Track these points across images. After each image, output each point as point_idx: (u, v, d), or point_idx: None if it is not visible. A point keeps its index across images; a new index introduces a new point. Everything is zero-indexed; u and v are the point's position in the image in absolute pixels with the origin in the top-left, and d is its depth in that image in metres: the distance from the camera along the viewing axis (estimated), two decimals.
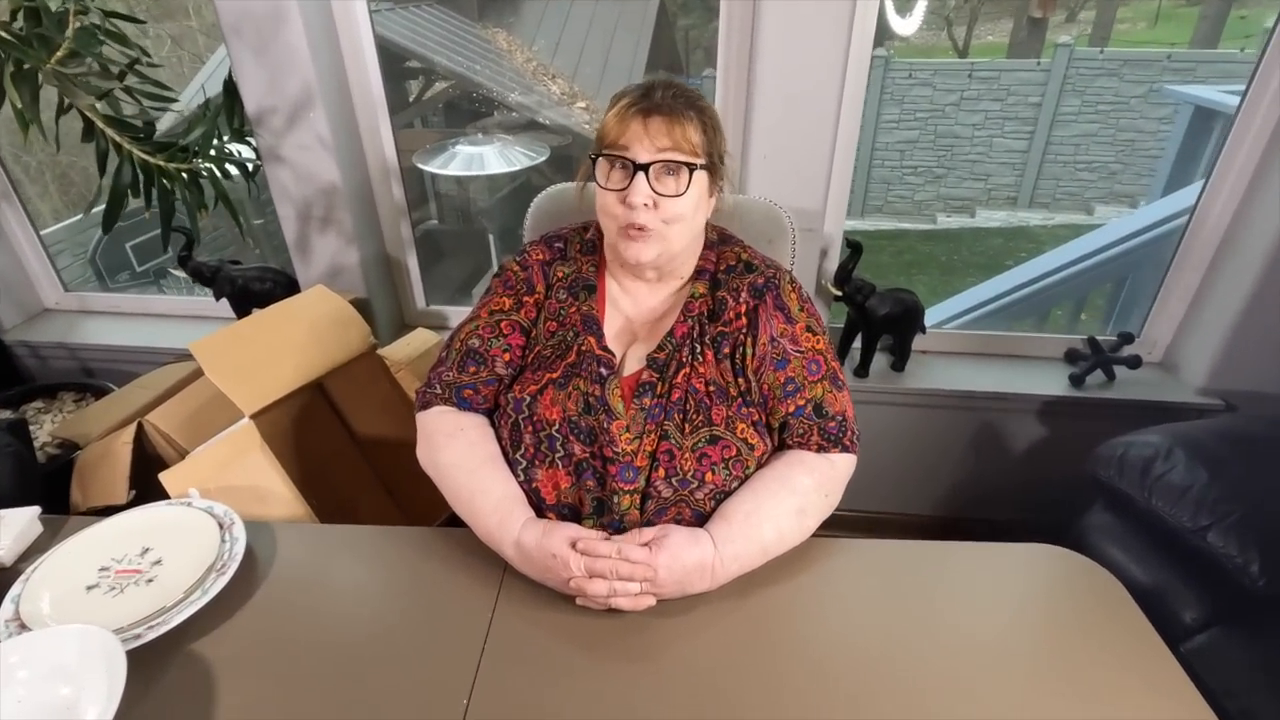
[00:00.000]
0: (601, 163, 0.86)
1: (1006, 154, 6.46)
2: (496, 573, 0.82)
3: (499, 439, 0.89)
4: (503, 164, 2.42)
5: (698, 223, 0.90)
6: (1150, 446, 1.14)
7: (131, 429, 1.17)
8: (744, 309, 0.89)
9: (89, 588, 0.79)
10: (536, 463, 0.85)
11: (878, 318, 1.52)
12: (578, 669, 0.72)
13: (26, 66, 0.87)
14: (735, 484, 0.85)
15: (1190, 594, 1.04)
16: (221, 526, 0.86)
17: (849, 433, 0.89)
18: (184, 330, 1.87)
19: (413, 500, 1.34)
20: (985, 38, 8.62)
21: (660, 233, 0.85)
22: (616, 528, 0.82)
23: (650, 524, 0.81)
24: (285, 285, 1.68)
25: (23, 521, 0.86)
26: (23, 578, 0.79)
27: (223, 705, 0.69)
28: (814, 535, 0.86)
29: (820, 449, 0.88)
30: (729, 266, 0.93)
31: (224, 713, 0.68)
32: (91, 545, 0.84)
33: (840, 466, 0.88)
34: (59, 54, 0.89)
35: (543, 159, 2.48)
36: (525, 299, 0.94)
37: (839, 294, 1.54)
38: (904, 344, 1.61)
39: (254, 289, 1.65)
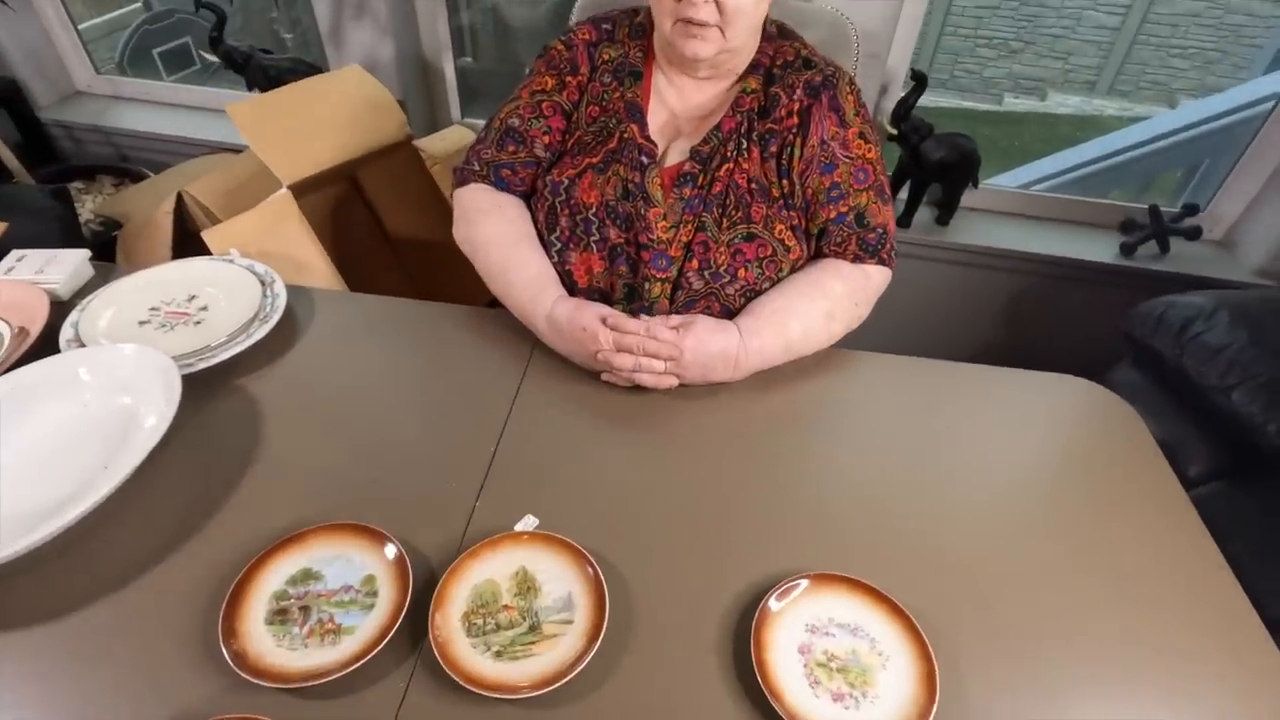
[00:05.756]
0: None
1: (1095, 30, 5.83)
2: (525, 348, 0.85)
3: (535, 222, 0.89)
4: None
5: (758, 17, 0.83)
6: (1194, 307, 1.11)
7: (172, 199, 1.18)
8: (797, 107, 0.85)
9: (141, 323, 0.83)
10: (571, 245, 0.85)
11: (931, 162, 1.45)
12: (597, 436, 0.76)
13: None
14: (767, 284, 0.84)
15: (1200, 449, 1.06)
16: (263, 284, 0.88)
17: (888, 246, 0.87)
18: (216, 123, 1.84)
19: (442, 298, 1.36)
20: None
21: (718, 29, 0.79)
22: (646, 314, 0.83)
23: (679, 314, 0.82)
24: None
25: (76, 260, 0.89)
26: (79, 307, 0.83)
27: (266, 435, 0.74)
28: (839, 346, 0.86)
29: (857, 259, 0.86)
30: (786, 62, 0.87)
31: (267, 441, 0.73)
32: (141, 288, 0.87)
33: (874, 279, 0.87)
34: None
35: None
36: (568, 79, 0.90)
37: (894, 133, 1.46)
38: (953, 196, 1.55)
39: (286, 80, 1.60)
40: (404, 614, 0.56)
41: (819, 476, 0.74)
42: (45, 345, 0.79)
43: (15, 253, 0.90)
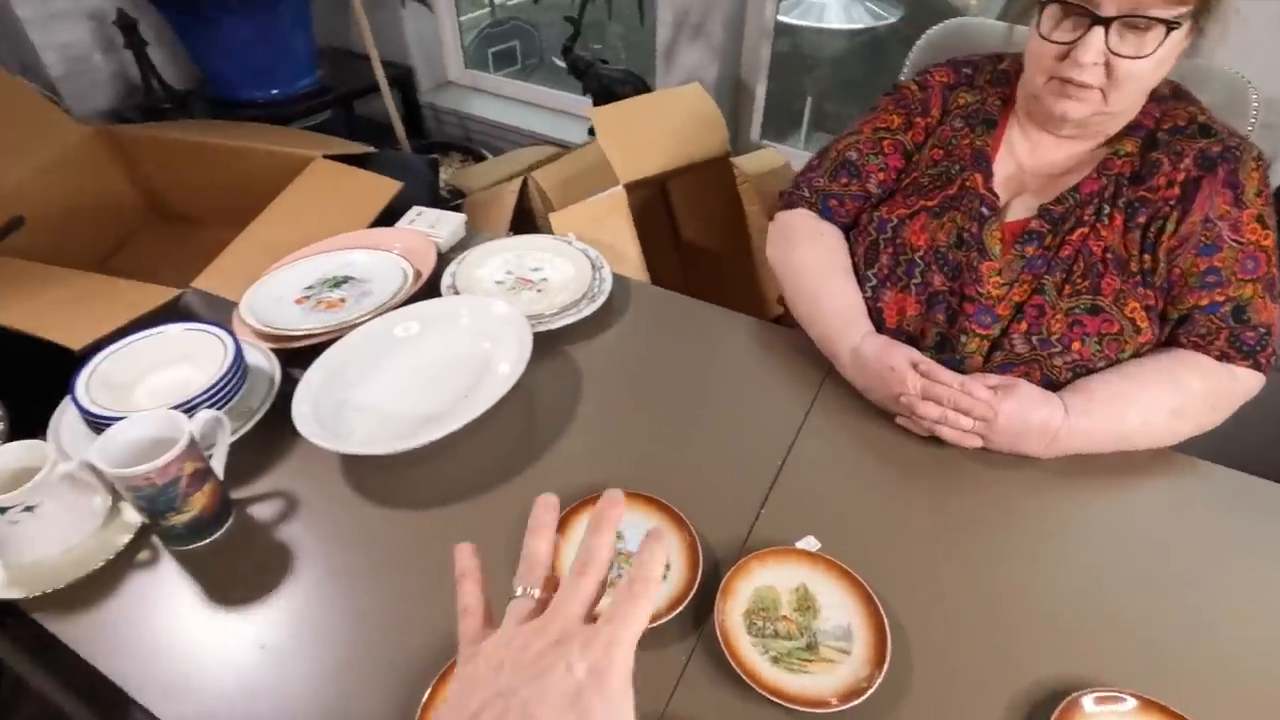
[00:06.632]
0: (1052, 9, 0.74)
1: None
2: (817, 374, 0.86)
3: (851, 255, 0.90)
4: (844, 18, 2.23)
5: (1152, 82, 0.76)
6: None
7: (519, 181, 1.39)
8: (1181, 177, 0.76)
9: (497, 282, 0.99)
10: (888, 284, 0.85)
11: None
12: (885, 478, 0.75)
13: None
14: (1102, 364, 0.77)
15: None
16: (594, 267, 1.00)
17: (1269, 350, 0.75)
18: (547, 119, 2.11)
19: None
20: None
21: (1100, 91, 0.74)
22: (954, 368, 0.80)
23: (995, 374, 0.78)
24: (641, 91, 1.79)
25: (456, 221, 1.09)
26: (455, 261, 1.01)
27: (583, 399, 0.84)
28: (1174, 449, 0.76)
29: (1224, 356, 0.75)
30: (1176, 127, 0.79)
31: (582, 405, 0.83)
32: (498, 253, 1.04)
33: (1244, 383, 0.75)
34: None
35: (892, 20, 2.22)
36: (917, 120, 0.90)
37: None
38: None
39: (616, 90, 1.79)
40: (694, 592, 0.61)
41: (1134, 587, 0.66)
42: (429, 288, 0.97)
43: (415, 209, 1.12)
